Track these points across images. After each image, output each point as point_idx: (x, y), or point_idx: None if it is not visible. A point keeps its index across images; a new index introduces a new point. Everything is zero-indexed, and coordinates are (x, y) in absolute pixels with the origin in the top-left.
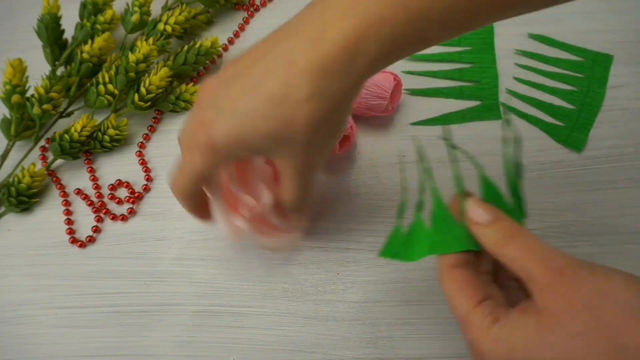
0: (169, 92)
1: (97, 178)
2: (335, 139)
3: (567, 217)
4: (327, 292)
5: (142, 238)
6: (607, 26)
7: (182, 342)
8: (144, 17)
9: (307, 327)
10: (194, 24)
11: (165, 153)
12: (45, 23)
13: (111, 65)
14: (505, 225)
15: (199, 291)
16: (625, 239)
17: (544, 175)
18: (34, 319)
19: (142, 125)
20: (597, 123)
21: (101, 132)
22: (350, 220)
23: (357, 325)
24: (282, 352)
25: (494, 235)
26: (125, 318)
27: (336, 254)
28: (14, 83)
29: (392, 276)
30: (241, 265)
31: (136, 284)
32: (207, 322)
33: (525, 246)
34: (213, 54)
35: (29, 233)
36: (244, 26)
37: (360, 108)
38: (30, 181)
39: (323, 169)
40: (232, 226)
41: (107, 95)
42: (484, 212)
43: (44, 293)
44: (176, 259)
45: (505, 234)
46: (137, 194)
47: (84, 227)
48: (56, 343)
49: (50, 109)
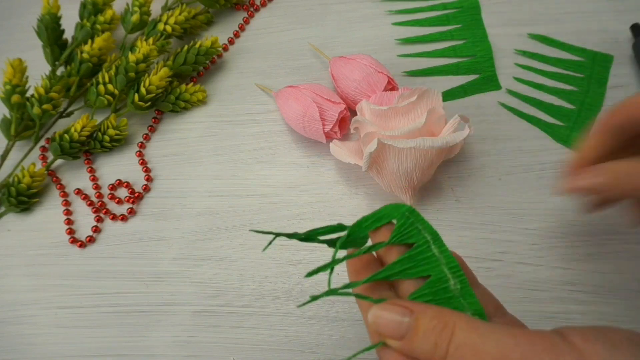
0: (169, 92)
1: (97, 178)
2: None
3: (567, 217)
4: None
5: (142, 238)
6: (607, 26)
7: (182, 342)
8: (144, 17)
9: (307, 327)
10: (194, 24)
11: (165, 153)
12: (45, 23)
13: (111, 65)
14: (431, 325)
15: (199, 291)
16: (625, 239)
17: (544, 175)
18: (34, 319)
19: (142, 125)
20: None
21: (101, 132)
22: (351, 220)
23: (357, 325)
24: (282, 352)
25: (423, 347)
26: (125, 318)
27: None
28: (14, 83)
29: None
30: (241, 265)
31: (136, 284)
32: (207, 322)
33: (471, 350)
34: (213, 54)
35: (29, 233)
36: (244, 26)
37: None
38: (30, 181)
39: None
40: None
41: (107, 95)
42: (394, 315)
43: (44, 293)
44: (176, 259)
45: (440, 338)
46: (137, 194)
47: (84, 227)
48: (56, 343)
49: (50, 109)
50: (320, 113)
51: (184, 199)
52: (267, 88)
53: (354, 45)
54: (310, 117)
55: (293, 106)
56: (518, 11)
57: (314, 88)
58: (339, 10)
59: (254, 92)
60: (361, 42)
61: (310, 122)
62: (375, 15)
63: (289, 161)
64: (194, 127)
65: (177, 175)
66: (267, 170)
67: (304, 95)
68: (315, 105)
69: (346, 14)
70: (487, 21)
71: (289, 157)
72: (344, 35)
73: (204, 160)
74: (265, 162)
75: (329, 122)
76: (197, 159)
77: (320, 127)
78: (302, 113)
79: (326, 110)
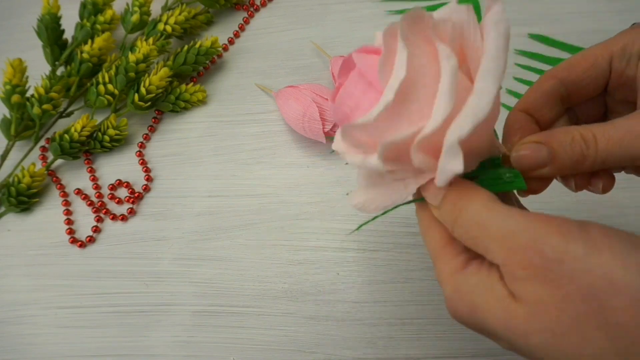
0: (169, 92)
1: (97, 178)
2: None
3: (567, 217)
4: (327, 292)
5: (142, 238)
6: (607, 26)
7: (182, 342)
8: (144, 17)
9: (307, 327)
10: (194, 24)
11: (165, 153)
12: (45, 23)
13: (111, 65)
14: (451, 198)
15: (199, 291)
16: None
17: None
18: (34, 319)
19: (142, 125)
20: None
21: (101, 132)
22: (351, 220)
23: (357, 325)
24: (282, 352)
25: (444, 218)
26: (125, 318)
27: (336, 253)
28: (14, 83)
29: (392, 276)
30: (241, 265)
31: (136, 284)
32: (207, 322)
33: (476, 224)
34: (213, 54)
35: (29, 233)
36: (244, 26)
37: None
38: (30, 181)
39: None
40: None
41: (107, 95)
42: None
43: (44, 293)
44: (176, 259)
45: (452, 211)
46: (137, 194)
47: (84, 227)
48: (56, 343)
49: (50, 109)
50: (320, 113)
51: (184, 199)
52: (267, 88)
53: (354, 45)
54: (310, 117)
55: (293, 106)
56: (518, 11)
57: (314, 88)
58: (339, 10)
59: (254, 92)
60: (361, 42)
61: (310, 122)
62: (375, 15)
63: (289, 161)
64: (194, 127)
65: (177, 175)
66: (267, 170)
67: (304, 95)
68: (315, 105)
69: (346, 14)
70: None
71: (289, 157)
72: (344, 35)
73: (204, 160)
74: (265, 162)
75: (329, 122)
76: (197, 159)
77: (320, 127)
78: (302, 113)
79: (326, 110)
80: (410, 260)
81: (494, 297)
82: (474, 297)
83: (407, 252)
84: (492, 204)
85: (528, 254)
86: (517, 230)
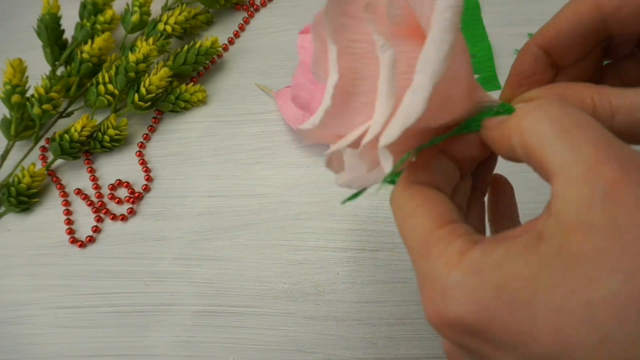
0: (169, 92)
1: (97, 178)
2: None
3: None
4: (327, 292)
5: (142, 238)
6: None
7: (182, 342)
8: (144, 17)
9: (307, 327)
10: (194, 24)
11: (165, 153)
12: (45, 23)
13: (111, 65)
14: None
15: (199, 291)
16: None
17: None
18: (34, 319)
19: (142, 125)
20: None
21: (101, 132)
22: (351, 220)
23: (357, 325)
24: (282, 352)
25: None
26: (125, 318)
27: (336, 253)
28: (14, 83)
29: (392, 276)
30: (241, 265)
31: (136, 284)
32: (207, 322)
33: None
34: (213, 54)
35: (29, 233)
36: (244, 26)
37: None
38: (30, 181)
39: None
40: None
41: (107, 95)
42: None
43: (44, 293)
44: (176, 259)
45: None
46: (137, 194)
47: (83, 227)
48: (56, 343)
49: (50, 109)
50: None
51: (184, 199)
52: (267, 88)
53: None
54: (310, 117)
55: (293, 106)
56: (518, 11)
57: None
58: None
59: (254, 92)
60: None
61: None
62: None
63: (289, 161)
64: (194, 127)
65: (177, 175)
66: (267, 170)
67: None
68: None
69: None
70: (487, 21)
71: (289, 157)
72: None
73: (204, 160)
74: (265, 162)
75: None
76: (197, 159)
77: None
78: (302, 113)
79: None
80: (410, 260)
81: (538, 261)
82: (507, 270)
83: (407, 252)
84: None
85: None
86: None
